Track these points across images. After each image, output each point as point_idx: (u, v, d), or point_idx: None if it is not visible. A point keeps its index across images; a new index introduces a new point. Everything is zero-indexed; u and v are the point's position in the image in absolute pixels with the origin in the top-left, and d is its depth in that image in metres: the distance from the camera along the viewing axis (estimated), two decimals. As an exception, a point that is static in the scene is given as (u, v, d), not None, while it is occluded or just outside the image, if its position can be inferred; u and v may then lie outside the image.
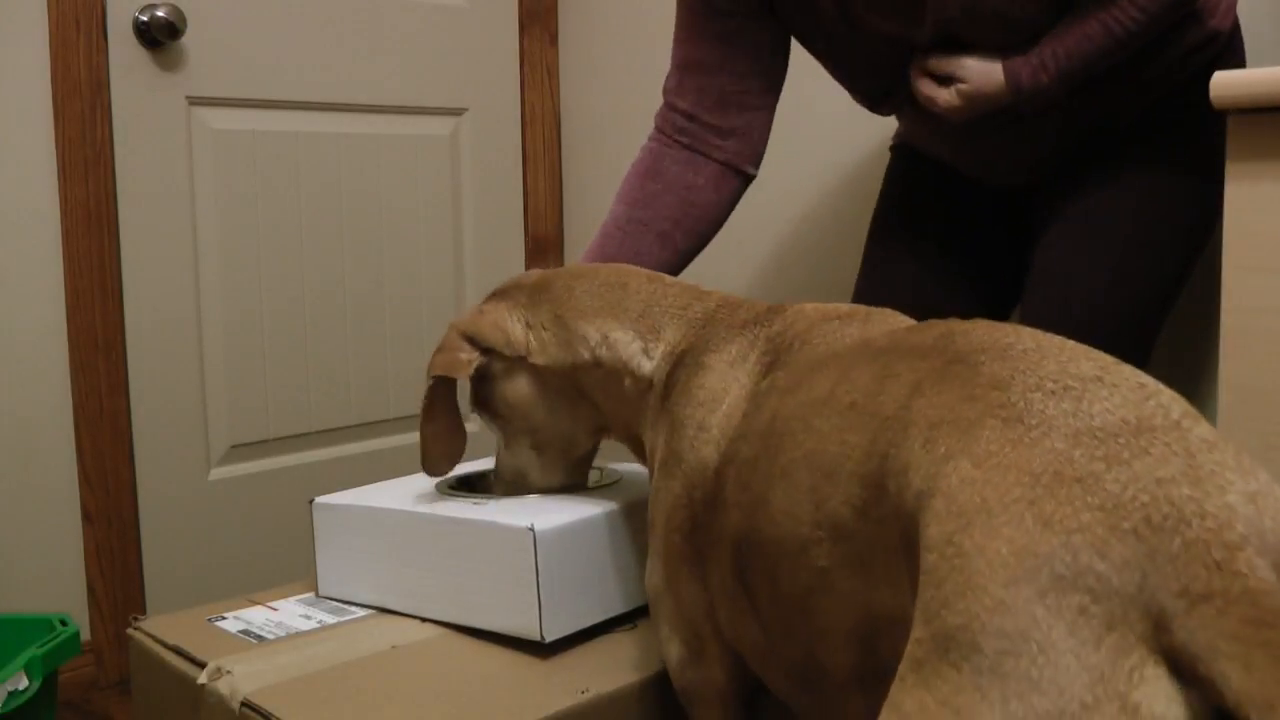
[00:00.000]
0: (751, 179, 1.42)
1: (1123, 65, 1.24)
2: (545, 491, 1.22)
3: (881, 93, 1.38)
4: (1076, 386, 0.65)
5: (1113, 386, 0.65)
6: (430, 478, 1.34)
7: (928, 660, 0.57)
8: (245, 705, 1.02)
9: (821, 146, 1.98)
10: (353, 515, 1.23)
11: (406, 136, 2.23)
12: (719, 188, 1.38)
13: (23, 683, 1.34)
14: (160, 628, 1.20)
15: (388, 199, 2.21)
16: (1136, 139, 1.32)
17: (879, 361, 0.80)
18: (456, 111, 2.31)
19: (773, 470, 0.84)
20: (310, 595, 1.29)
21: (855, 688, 0.79)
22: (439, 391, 1.18)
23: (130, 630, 1.22)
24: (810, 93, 1.72)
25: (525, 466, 1.21)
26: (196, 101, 1.96)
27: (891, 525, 0.69)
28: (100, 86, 1.84)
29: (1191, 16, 1.26)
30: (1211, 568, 0.54)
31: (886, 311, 0.97)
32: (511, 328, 1.15)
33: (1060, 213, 1.35)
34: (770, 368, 0.95)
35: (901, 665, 0.59)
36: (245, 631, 1.18)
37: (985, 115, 1.27)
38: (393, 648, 1.13)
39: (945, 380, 0.71)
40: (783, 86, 1.40)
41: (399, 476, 1.45)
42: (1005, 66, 1.21)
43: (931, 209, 1.50)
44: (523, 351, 1.14)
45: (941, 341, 0.77)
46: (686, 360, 1.04)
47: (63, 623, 1.48)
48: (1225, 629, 0.53)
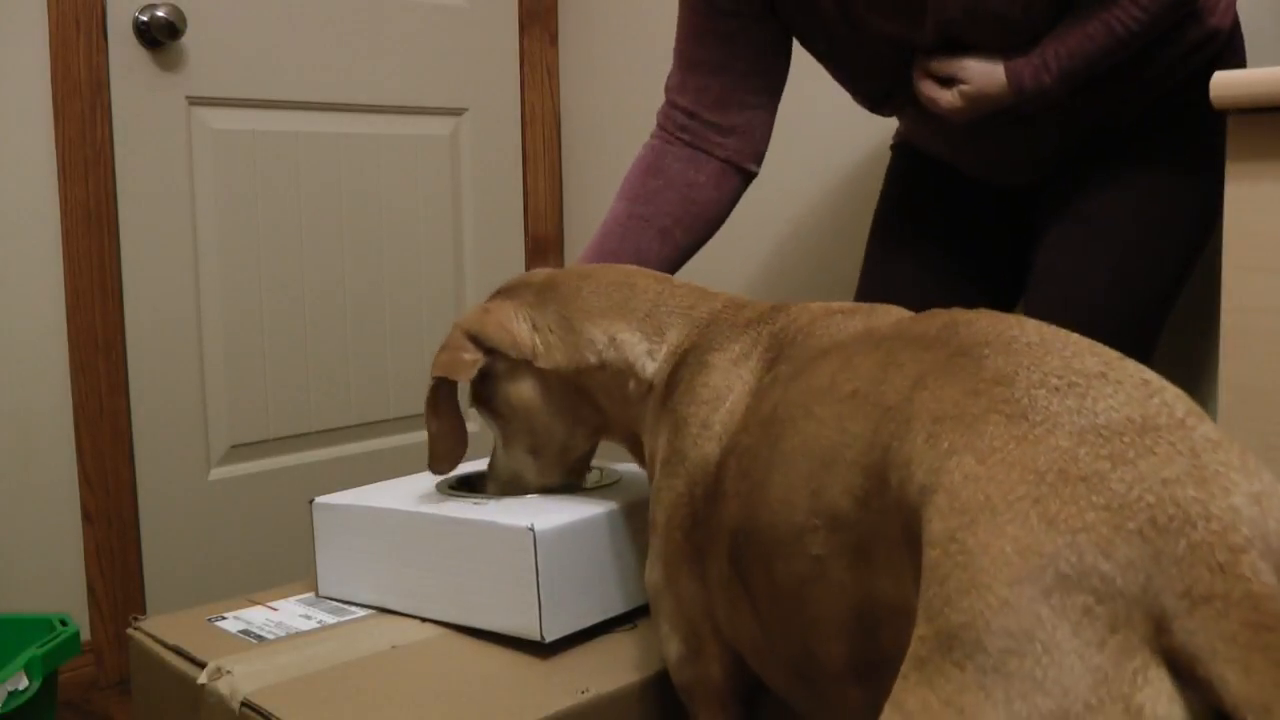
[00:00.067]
0: (753, 176, 1.42)
1: (1124, 64, 1.24)
2: (542, 492, 1.22)
3: (883, 94, 1.38)
4: (1081, 383, 0.65)
5: (1117, 383, 0.65)
6: (430, 477, 1.34)
7: (931, 658, 0.57)
8: (245, 705, 1.02)
9: (821, 146, 1.98)
10: (353, 515, 1.23)
11: (406, 136, 2.23)
12: (720, 185, 1.38)
13: (23, 683, 1.34)
14: (160, 628, 1.20)
15: (388, 199, 2.21)
16: (1137, 138, 1.32)
17: (881, 350, 0.79)
18: (456, 111, 2.31)
19: (772, 458, 0.84)
20: (310, 595, 1.29)
21: (852, 680, 0.79)
22: (442, 391, 1.17)
23: (130, 630, 1.22)
24: (810, 93, 1.72)
25: (522, 467, 1.20)
26: (196, 101, 1.96)
27: (893, 518, 0.69)
28: (100, 86, 1.84)
29: (1192, 15, 1.26)
30: (1215, 570, 0.54)
31: (890, 307, 0.96)
32: (518, 329, 1.14)
33: (1061, 213, 1.35)
34: (773, 363, 0.95)
35: (905, 663, 0.59)
36: (245, 631, 1.18)
37: (987, 116, 1.27)
38: (393, 648, 1.13)
39: (949, 373, 0.71)
40: (784, 85, 1.40)
41: (399, 476, 1.45)
42: (1007, 67, 1.21)
43: (932, 208, 1.50)
44: (529, 355, 1.13)
45: (945, 332, 0.76)
46: (690, 359, 1.03)
47: (63, 623, 1.48)
48: (1225, 631, 0.53)
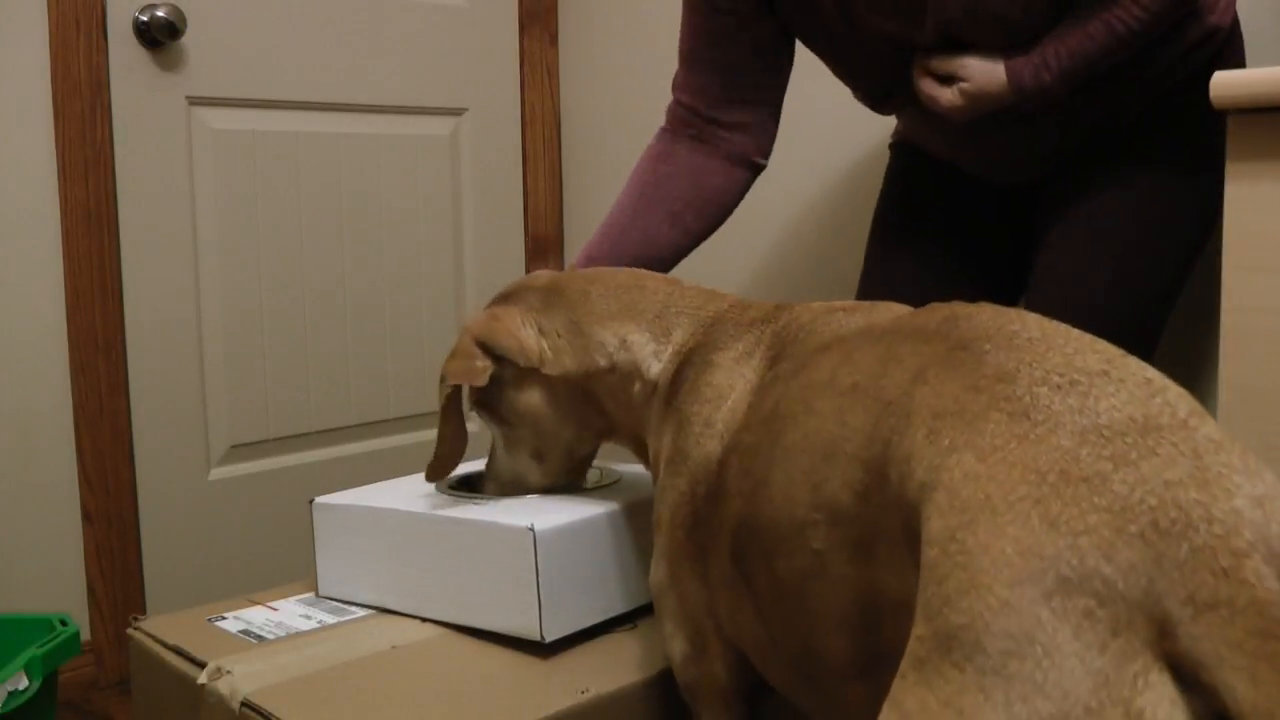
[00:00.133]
0: (761, 168, 1.42)
1: (1124, 63, 1.24)
2: (544, 492, 1.22)
3: (883, 93, 1.38)
4: (1083, 381, 0.65)
5: (1119, 382, 0.65)
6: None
7: (930, 659, 0.57)
8: (245, 705, 1.02)
9: (821, 145, 1.98)
10: (353, 515, 1.23)
11: (406, 136, 2.23)
12: (728, 175, 1.39)
13: (23, 683, 1.34)
14: (160, 628, 1.20)
15: (388, 199, 2.21)
16: (1137, 137, 1.32)
17: (882, 343, 0.79)
18: (456, 111, 2.31)
19: (773, 453, 0.84)
20: (310, 595, 1.29)
21: (854, 676, 0.79)
22: (455, 399, 1.17)
23: (130, 630, 1.22)
24: (810, 91, 1.72)
25: (525, 469, 1.20)
26: (196, 101, 1.96)
27: (893, 513, 0.69)
28: (100, 86, 1.84)
29: (1192, 14, 1.26)
30: (1219, 575, 0.54)
31: (891, 304, 0.96)
32: (525, 336, 1.13)
33: (1062, 214, 1.35)
34: (775, 361, 0.95)
35: (903, 662, 0.59)
36: (245, 631, 1.18)
37: (987, 115, 1.27)
38: (393, 648, 1.13)
39: (949, 368, 0.70)
40: (788, 81, 1.41)
41: (399, 477, 1.45)
42: (1007, 66, 1.21)
43: (932, 206, 1.50)
44: (536, 362, 1.13)
45: (945, 326, 0.76)
46: (694, 359, 1.03)
47: (63, 623, 1.48)
48: (1231, 639, 0.52)
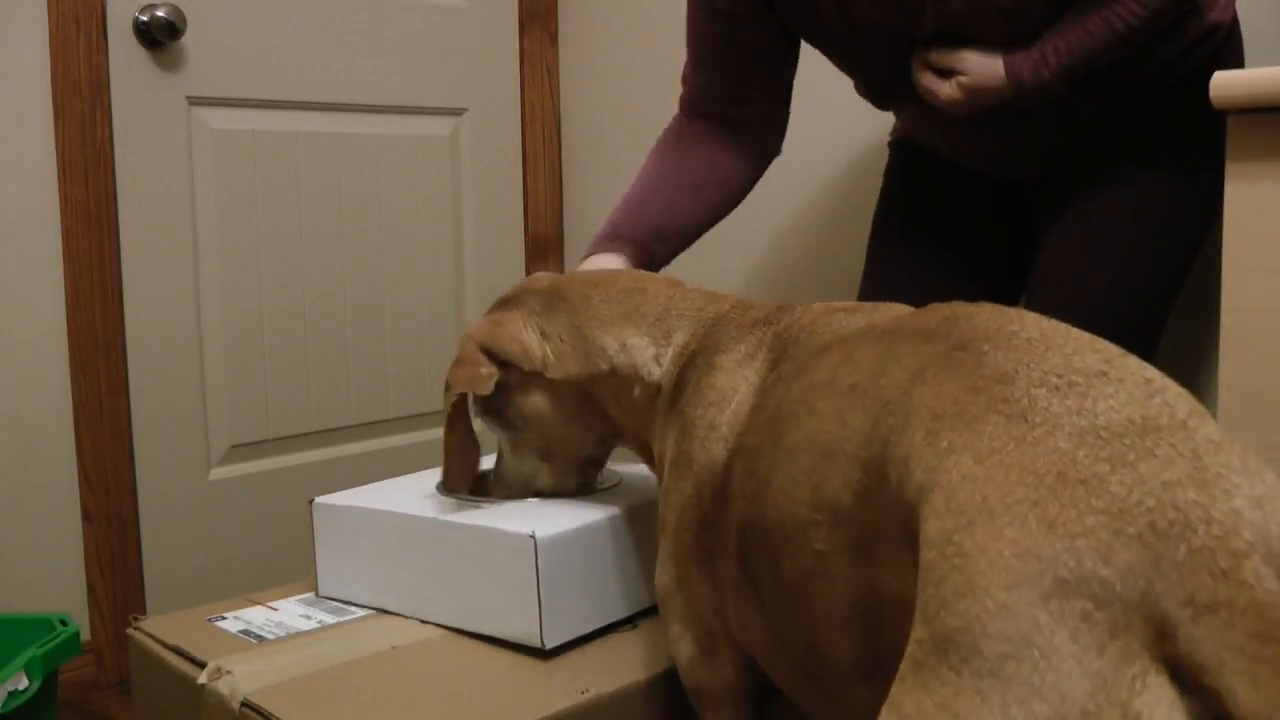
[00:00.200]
0: (775, 154, 1.46)
1: (1124, 60, 1.24)
2: (552, 496, 1.22)
3: (883, 89, 1.38)
4: (1081, 382, 0.64)
5: (1118, 382, 0.64)
6: (431, 477, 1.34)
7: (927, 662, 0.57)
8: (245, 705, 1.02)
9: (821, 143, 1.98)
10: (353, 516, 1.23)
11: (406, 136, 2.23)
12: (742, 158, 1.42)
13: (23, 683, 1.34)
14: (160, 628, 1.20)
15: (388, 199, 2.21)
16: (1137, 135, 1.32)
17: (882, 343, 0.79)
18: (456, 111, 2.31)
19: (776, 455, 0.84)
20: (310, 595, 1.28)
21: (859, 678, 0.79)
22: (461, 407, 1.16)
23: (130, 630, 1.22)
24: (808, 89, 1.72)
25: (533, 473, 1.20)
26: (196, 101, 1.96)
27: (892, 514, 0.69)
28: (100, 86, 1.84)
29: (1191, 10, 1.26)
30: (1217, 576, 0.54)
31: (893, 305, 0.96)
32: (528, 340, 1.13)
33: (1061, 213, 1.35)
34: (777, 362, 0.95)
35: (902, 665, 0.59)
36: (245, 631, 1.18)
37: (986, 110, 1.27)
38: (393, 648, 1.13)
39: (948, 368, 0.70)
40: (793, 77, 1.43)
41: (399, 476, 1.45)
42: (1006, 61, 1.21)
43: (931, 204, 1.51)
44: (539, 366, 1.12)
45: (945, 326, 0.76)
46: (697, 361, 1.03)
47: (63, 623, 1.48)
48: (1232, 642, 0.52)
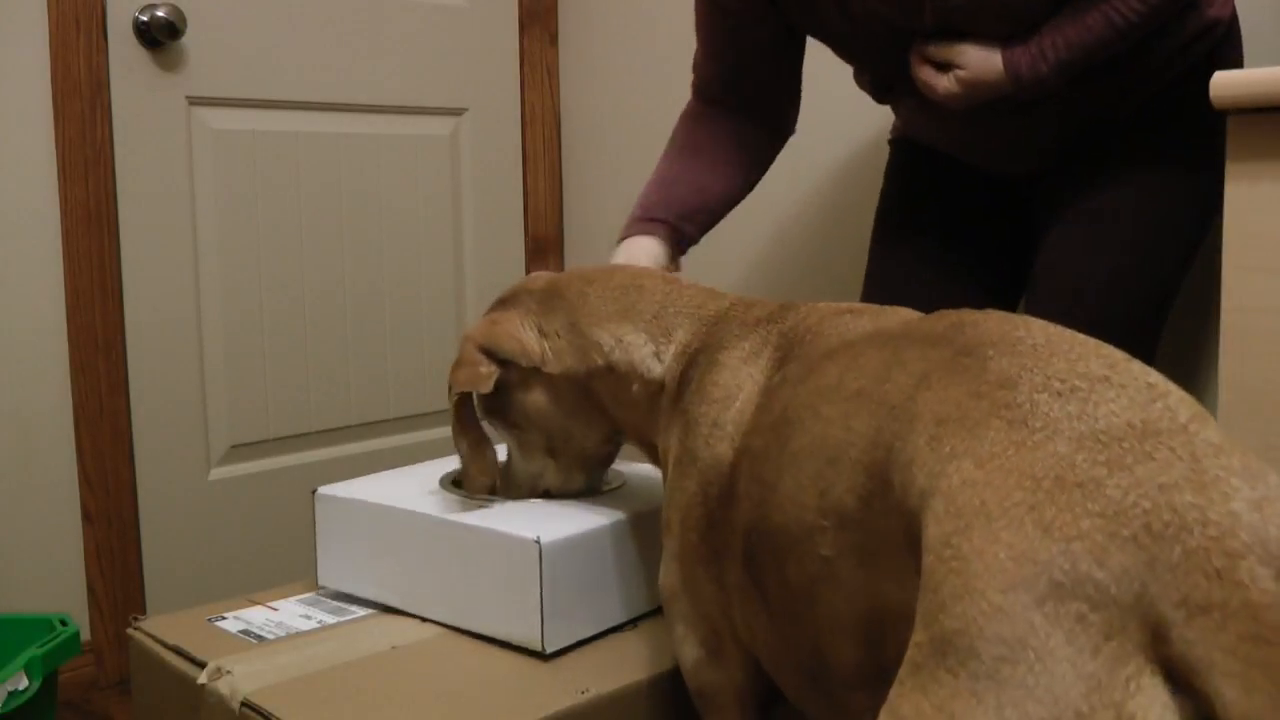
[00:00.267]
0: (791, 131, 1.49)
1: (1122, 55, 1.24)
2: (561, 495, 1.22)
3: (883, 82, 1.39)
4: (1083, 387, 0.64)
5: (1120, 387, 0.64)
6: (435, 470, 1.33)
7: (925, 664, 0.57)
8: (245, 705, 1.02)
9: (819, 141, 1.98)
10: (356, 509, 1.22)
11: (406, 136, 2.23)
12: (759, 135, 1.46)
13: (23, 683, 1.34)
14: (160, 628, 1.20)
15: (388, 199, 2.21)
16: (1137, 132, 1.32)
17: (888, 348, 0.79)
18: (456, 111, 2.31)
19: (782, 459, 0.84)
20: (310, 595, 1.29)
21: (863, 685, 0.79)
22: (465, 408, 1.16)
23: (130, 630, 1.22)
24: (809, 83, 1.71)
25: (541, 473, 1.21)
26: (196, 101, 1.96)
27: (895, 520, 0.69)
28: (100, 86, 1.84)
29: (1190, 6, 1.26)
30: (1212, 577, 0.54)
31: (899, 309, 0.96)
32: (526, 337, 1.14)
33: (1061, 212, 1.35)
34: (782, 362, 0.95)
35: (901, 669, 0.59)
36: (245, 631, 1.18)
37: (984, 104, 1.26)
38: (393, 648, 1.13)
39: (953, 373, 0.70)
40: (802, 59, 1.44)
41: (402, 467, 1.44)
42: (1004, 55, 1.21)
43: (930, 201, 1.51)
44: (537, 361, 1.13)
45: (951, 331, 0.76)
46: (700, 359, 1.03)
47: (63, 623, 1.48)
48: (1224, 644, 0.52)
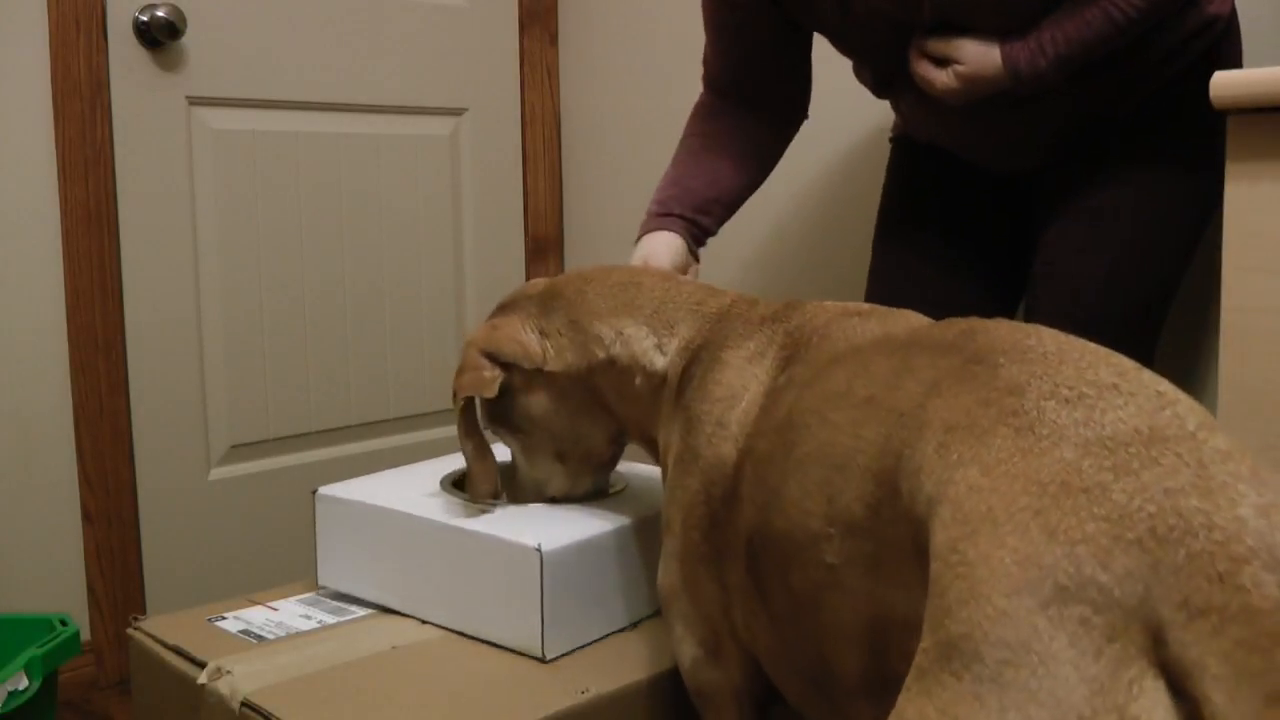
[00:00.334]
0: (803, 119, 1.50)
1: (1122, 51, 1.24)
2: (568, 499, 1.22)
3: (883, 77, 1.39)
4: (1091, 394, 0.65)
5: (1129, 394, 0.64)
6: (436, 471, 1.33)
7: (931, 669, 0.57)
8: (245, 705, 1.02)
9: (818, 140, 1.98)
10: (357, 511, 1.22)
11: (406, 136, 2.23)
12: (771, 125, 1.47)
13: (23, 683, 1.34)
14: (160, 628, 1.20)
15: (388, 199, 2.21)
16: (1136, 130, 1.32)
17: (898, 355, 0.79)
18: (456, 111, 2.30)
19: (787, 464, 0.83)
20: (310, 595, 1.28)
21: (863, 695, 0.78)
22: (469, 413, 1.17)
23: (130, 630, 1.22)
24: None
25: (548, 477, 1.21)
26: (196, 101, 1.96)
27: (903, 527, 0.69)
28: (100, 86, 1.84)
29: (1190, 1, 1.25)
30: (1214, 580, 0.54)
31: (907, 312, 0.96)
32: (527, 339, 1.14)
33: (1061, 211, 1.35)
34: (787, 363, 0.94)
35: (908, 675, 0.59)
36: (245, 631, 1.18)
37: (984, 99, 1.26)
38: (393, 648, 1.13)
39: (963, 381, 0.70)
40: (809, 51, 1.45)
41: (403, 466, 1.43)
42: (1003, 50, 1.21)
43: (932, 199, 1.51)
44: (540, 362, 1.13)
45: (962, 339, 0.76)
46: (703, 356, 1.03)
47: (63, 623, 1.48)
48: (1218, 648, 0.52)
